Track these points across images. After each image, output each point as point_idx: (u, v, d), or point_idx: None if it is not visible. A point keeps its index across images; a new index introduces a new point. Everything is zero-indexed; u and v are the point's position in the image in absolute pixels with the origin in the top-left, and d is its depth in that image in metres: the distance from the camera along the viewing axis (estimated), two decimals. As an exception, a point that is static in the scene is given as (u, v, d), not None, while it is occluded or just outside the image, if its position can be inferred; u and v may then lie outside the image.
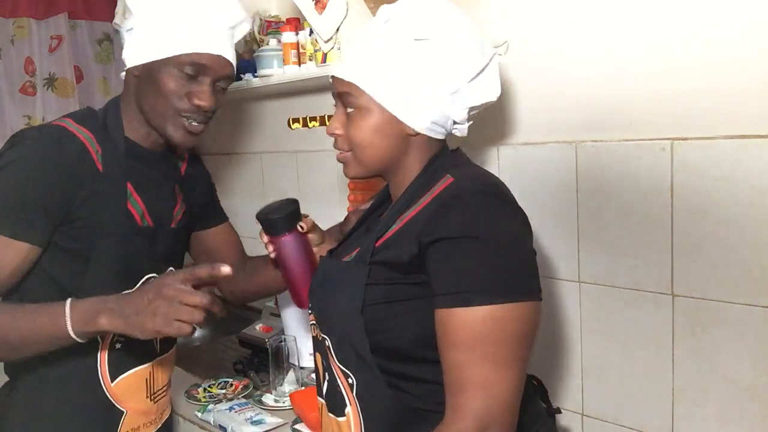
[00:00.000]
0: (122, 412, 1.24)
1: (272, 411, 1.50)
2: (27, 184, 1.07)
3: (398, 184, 1.02)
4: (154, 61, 1.13)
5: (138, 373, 1.26)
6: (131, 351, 1.24)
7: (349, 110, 0.99)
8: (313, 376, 1.63)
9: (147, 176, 1.23)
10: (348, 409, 0.98)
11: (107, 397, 1.22)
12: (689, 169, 1.22)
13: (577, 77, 1.36)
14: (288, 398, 1.50)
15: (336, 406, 1.01)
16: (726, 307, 1.21)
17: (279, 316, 1.84)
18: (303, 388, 1.56)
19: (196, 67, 1.13)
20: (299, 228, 1.20)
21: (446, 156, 1.02)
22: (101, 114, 1.21)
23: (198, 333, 2.43)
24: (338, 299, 0.97)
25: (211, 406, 1.51)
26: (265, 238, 1.23)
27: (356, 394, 0.96)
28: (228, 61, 1.17)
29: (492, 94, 0.99)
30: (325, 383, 1.04)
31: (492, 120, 1.50)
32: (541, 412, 1.10)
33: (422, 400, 0.95)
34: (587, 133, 1.36)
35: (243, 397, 1.58)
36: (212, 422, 1.47)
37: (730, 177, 1.17)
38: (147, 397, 1.28)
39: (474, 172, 0.98)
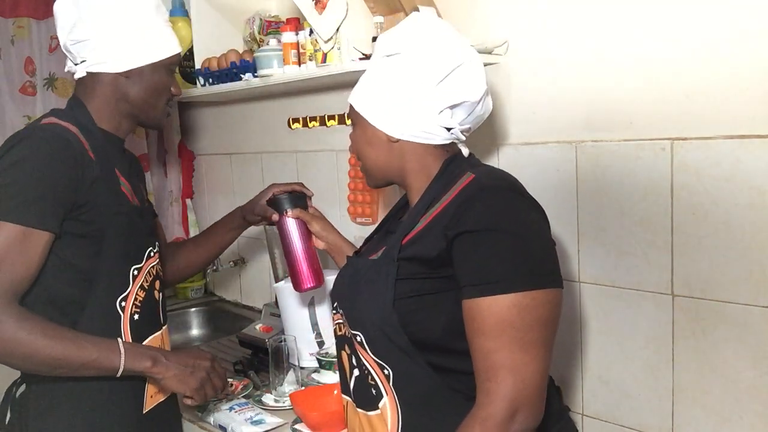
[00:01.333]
0: (145, 378, 1.30)
1: (272, 411, 1.50)
2: (41, 176, 1.15)
3: (413, 188, 1.08)
4: (149, 64, 1.29)
5: (154, 339, 1.35)
6: (145, 321, 1.33)
7: (352, 126, 1.12)
8: (314, 375, 1.64)
9: (122, 161, 1.35)
10: (384, 401, 1.01)
11: None
12: (689, 169, 1.22)
13: (577, 77, 1.36)
14: (288, 398, 1.50)
15: (368, 400, 1.03)
16: (726, 307, 1.21)
17: (279, 316, 1.83)
18: (303, 388, 1.56)
19: (176, 64, 1.36)
20: (285, 212, 1.45)
21: (462, 159, 1.07)
22: (69, 113, 1.29)
23: (198, 333, 2.44)
24: (369, 295, 1.01)
25: (211, 406, 1.51)
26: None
27: (393, 385, 1.00)
28: None
29: (468, 94, 1.01)
30: (353, 379, 1.06)
31: (492, 120, 1.50)
32: (564, 410, 1.13)
33: (455, 391, 0.98)
34: (587, 133, 1.36)
35: (243, 397, 1.58)
36: (212, 422, 1.47)
37: (730, 177, 1.17)
38: None
39: (492, 169, 1.06)
